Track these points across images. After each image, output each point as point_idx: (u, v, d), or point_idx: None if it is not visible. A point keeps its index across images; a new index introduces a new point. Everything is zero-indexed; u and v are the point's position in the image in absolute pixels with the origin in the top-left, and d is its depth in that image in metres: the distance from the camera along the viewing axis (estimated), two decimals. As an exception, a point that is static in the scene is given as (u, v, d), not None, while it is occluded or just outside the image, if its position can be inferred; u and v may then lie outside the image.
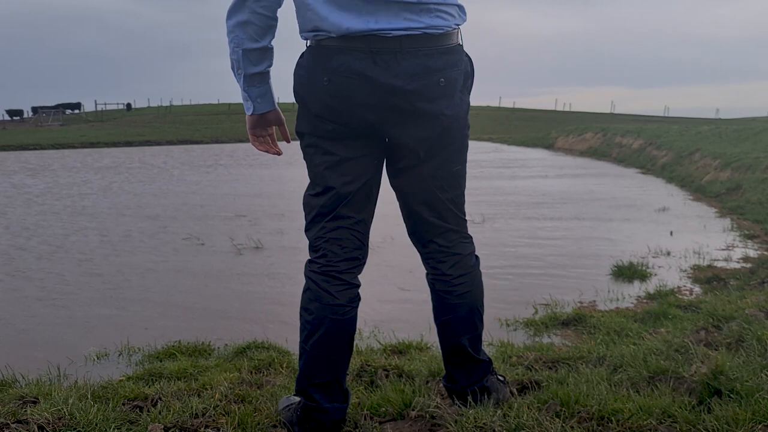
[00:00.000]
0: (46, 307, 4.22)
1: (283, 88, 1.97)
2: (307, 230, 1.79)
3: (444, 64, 1.65)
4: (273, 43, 1.72)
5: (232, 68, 1.73)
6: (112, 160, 18.61)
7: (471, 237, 1.89)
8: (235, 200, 9.54)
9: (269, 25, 1.67)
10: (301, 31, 1.70)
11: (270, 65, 1.73)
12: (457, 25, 1.69)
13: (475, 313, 1.87)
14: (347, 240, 1.74)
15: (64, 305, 4.24)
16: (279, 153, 1.88)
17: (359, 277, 1.79)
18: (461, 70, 1.70)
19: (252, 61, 1.69)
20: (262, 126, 1.83)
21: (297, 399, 1.85)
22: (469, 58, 1.75)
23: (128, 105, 55.74)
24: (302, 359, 1.76)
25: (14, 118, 46.94)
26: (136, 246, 6.24)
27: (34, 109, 48.64)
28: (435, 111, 1.66)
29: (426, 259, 1.88)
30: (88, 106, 51.39)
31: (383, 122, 1.67)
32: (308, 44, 1.70)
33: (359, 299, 1.77)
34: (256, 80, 1.73)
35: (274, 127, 1.86)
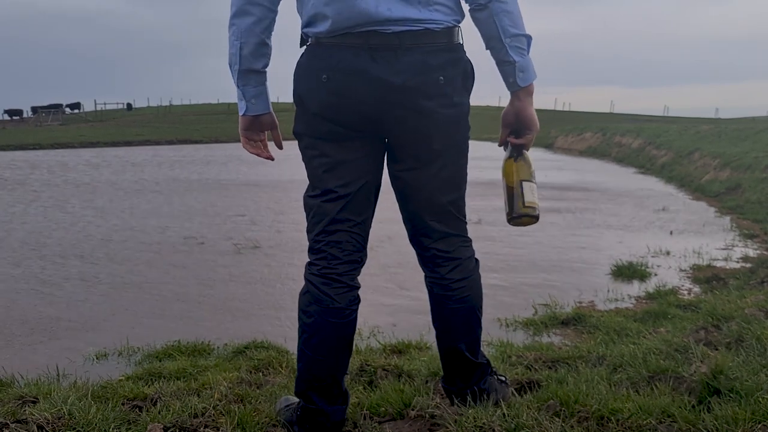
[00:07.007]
0: (44, 306, 4.21)
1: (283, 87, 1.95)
2: (307, 231, 1.77)
3: (443, 61, 1.62)
4: (272, 42, 1.69)
5: (230, 63, 1.69)
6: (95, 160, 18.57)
7: (471, 240, 1.86)
8: (234, 199, 9.53)
9: (269, 18, 1.65)
10: (302, 28, 1.68)
11: (266, 64, 1.70)
12: (457, 21, 1.66)
13: (474, 318, 1.84)
14: (347, 243, 1.71)
15: (63, 303, 4.24)
16: (271, 158, 1.83)
17: (358, 277, 1.77)
18: (460, 69, 1.66)
19: (249, 56, 1.66)
20: (255, 129, 1.79)
21: (296, 399, 1.84)
22: (469, 60, 1.71)
23: (129, 105, 55.66)
24: (301, 362, 1.74)
25: (14, 117, 46.87)
26: (135, 245, 6.23)
27: (34, 109, 48.57)
28: (433, 109, 1.63)
29: (425, 263, 1.84)
30: (87, 106, 51.37)
31: (382, 120, 1.64)
32: (308, 42, 1.68)
33: (359, 301, 1.75)
34: (251, 79, 1.69)
35: (266, 132, 1.82)
